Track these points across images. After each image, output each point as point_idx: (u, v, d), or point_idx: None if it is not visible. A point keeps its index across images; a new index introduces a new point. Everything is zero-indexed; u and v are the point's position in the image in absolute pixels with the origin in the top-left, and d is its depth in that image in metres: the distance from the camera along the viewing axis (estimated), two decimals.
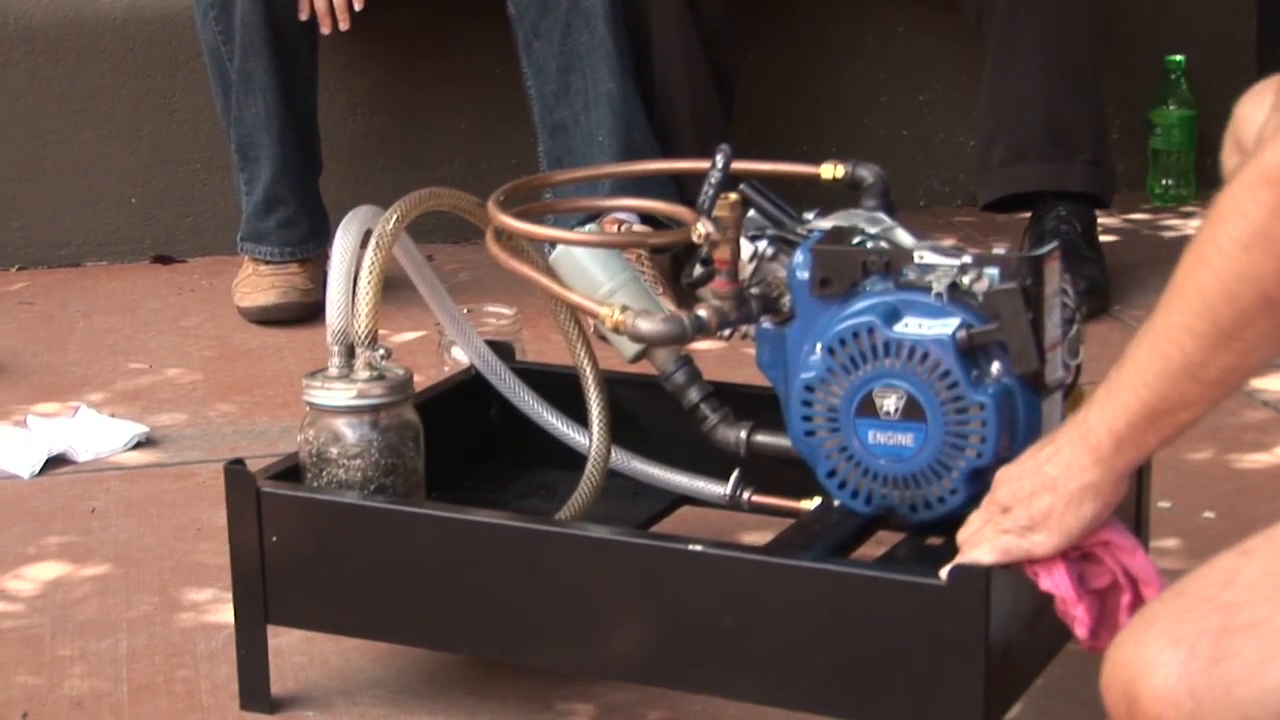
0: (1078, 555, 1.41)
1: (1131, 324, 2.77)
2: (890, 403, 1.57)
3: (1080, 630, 1.43)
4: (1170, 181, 3.43)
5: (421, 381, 2.13)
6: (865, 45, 3.44)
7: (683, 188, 2.41)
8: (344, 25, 2.72)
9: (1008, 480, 1.40)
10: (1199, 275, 1.18)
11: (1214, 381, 1.21)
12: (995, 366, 1.54)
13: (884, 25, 3.43)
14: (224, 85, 2.82)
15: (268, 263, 2.84)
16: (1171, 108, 3.42)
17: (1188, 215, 3.37)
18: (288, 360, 2.69)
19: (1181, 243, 3.19)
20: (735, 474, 1.80)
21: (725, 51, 2.99)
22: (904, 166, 3.38)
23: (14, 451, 2.36)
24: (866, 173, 1.75)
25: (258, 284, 2.83)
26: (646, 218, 2.49)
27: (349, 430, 1.70)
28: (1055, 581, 1.41)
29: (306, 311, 2.78)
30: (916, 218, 3.23)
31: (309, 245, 2.85)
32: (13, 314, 3.00)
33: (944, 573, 1.45)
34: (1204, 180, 3.42)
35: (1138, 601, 1.42)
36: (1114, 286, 2.92)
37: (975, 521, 1.44)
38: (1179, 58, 3.41)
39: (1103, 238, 3.25)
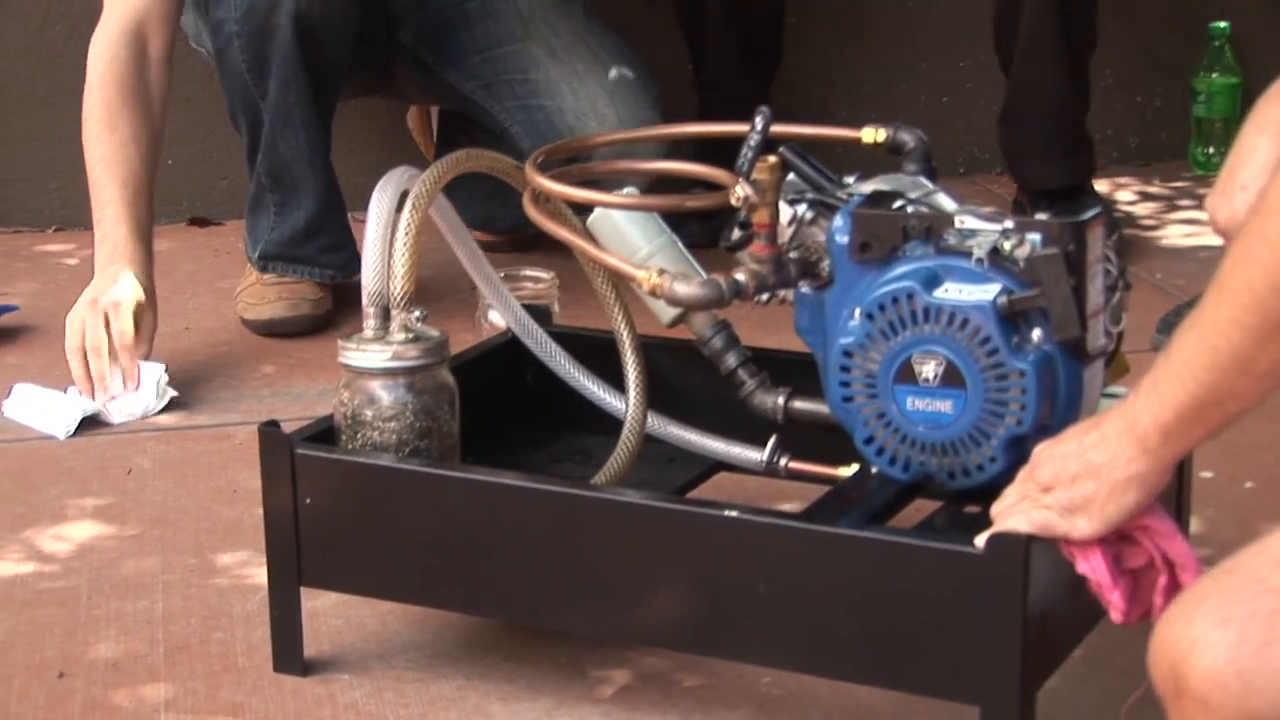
0: (1115, 537, 1.40)
1: (1172, 290, 2.75)
2: (929, 369, 1.55)
3: (1115, 614, 1.42)
4: (1213, 149, 3.40)
5: (459, 345, 2.13)
6: (906, 9, 3.42)
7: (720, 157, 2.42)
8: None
9: (1049, 459, 1.39)
10: (1247, 268, 1.16)
11: (1263, 374, 1.20)
12: (1036, 333, 1.53)
13: None
14: (247, 110, 2.64)
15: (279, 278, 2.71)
16: (1215, 75, 3.38)
17: None
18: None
19: None
20: (772, 440, 1.79)
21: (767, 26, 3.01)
22: (944, 133, 3.35)
23: (49, 413, 2.36)
24: (908, 137, 1.73)
25: (264, 294, 2.68)
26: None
27: (384, 392, 1.70)
28: (1091, 566, 1.39)
29: (317, 324, 2.66)
30: (956, 184, 3.21)
31: (351, 266, 2.67)
32: (50, 274, 3.00)
33: (981, 541, 1.43)
34: None
35: (1174, 585, 1.41)
36: (1155, 253, 2.89)
37: (1011, 496, 1.43)
38: (1223, 24, 3.37)
39: (1145, 204, 3.24)
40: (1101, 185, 3.35)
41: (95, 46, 2.55)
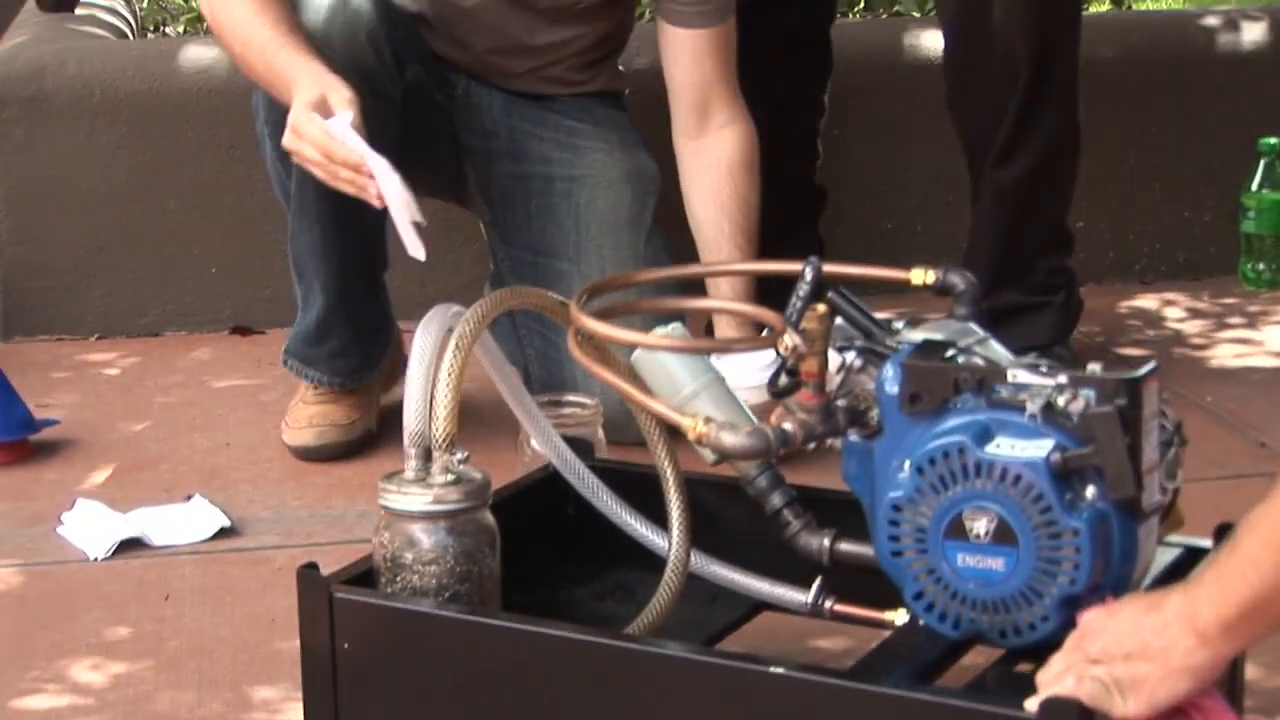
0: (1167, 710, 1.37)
1: (1224, 416, 2.71)
2: (981, 525, 1.52)
3: None
4: (1262, 266, 3.37)
5: (503, 464, 2.11)
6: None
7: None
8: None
9: (1101, 632, 1.36)
10: None
11: None
12: (1090, 490, 1.50)
13: None
14: (286, 198, 2.61)
15: (314, 388, 2.66)
16: (1265, 191, 3.35)
17: None
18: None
19: (1274, 329, 3.14)
20: (818, 582, 1.76)
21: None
22: None
23: (89, 530, 2.35)
24: (958, 279, 1.71)
25: (299, 417, 2.64)
26: None
27: (424, 536, 1.68)
28: None
29: (346, 449, 2.61)
30: None
31: (360, 374, 2.66)
32: (91, 384, 3.00)
33: (1033, 705, 1.40)
34: None
35: None
36: (1204, 375, 2.86)
37: (1057, 665, 1.40)
38: (1273, 140, 3.35)
39: (1194, 322, 3.21)
40: (1150, 300, 3.34)
41: None
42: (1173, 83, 3.47)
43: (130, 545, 2.32)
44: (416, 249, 2.21)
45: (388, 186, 2.21)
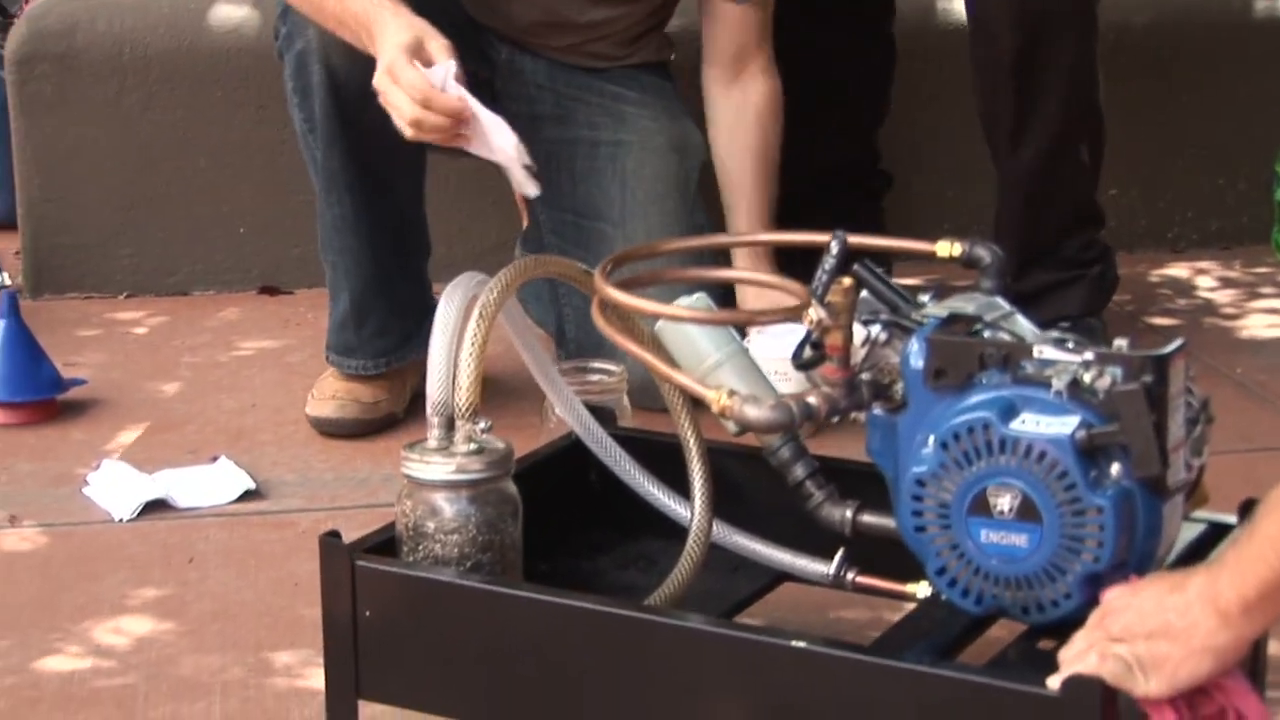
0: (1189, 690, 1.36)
1: (1254, 388, 2.69)
2: (1004, 501, 1.51)
3: None
4: None
5: (527, 429, 2.11)
6: None
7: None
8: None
9: (1124, 610, 1.35)
10: None
11: None
12: (1115, 468, 1.49)
13: None
14: (315, 171, 2.55)
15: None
16: None
17: None
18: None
19: None
20: (840, 553, 1.75)
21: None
22: None
23: (115, 490, 2.35)
24: (984, 252, 1.69)
25: (325, 389, 2.60)
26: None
27: (447, 505, 1.67)
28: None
29: (365, 427, 2.56)
30: None
31: (403, 352, 2.58)
32: (119, 343, 3.00)
33: (1055, 682, 1.39)
34: None
35: None
36: (1235, 346, 2.84)
37: (1079, 643, 1.39)
38: None
39: (1225, 291, 3.19)
40: (1181, 269, 3.32)
41: None
42: (1206, 51, 3.43)
43: (155, 506, 2.33)
44: (530, 188, 2.18)
45: (499, 135, 2.17)
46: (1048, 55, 2.64)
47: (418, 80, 2.17)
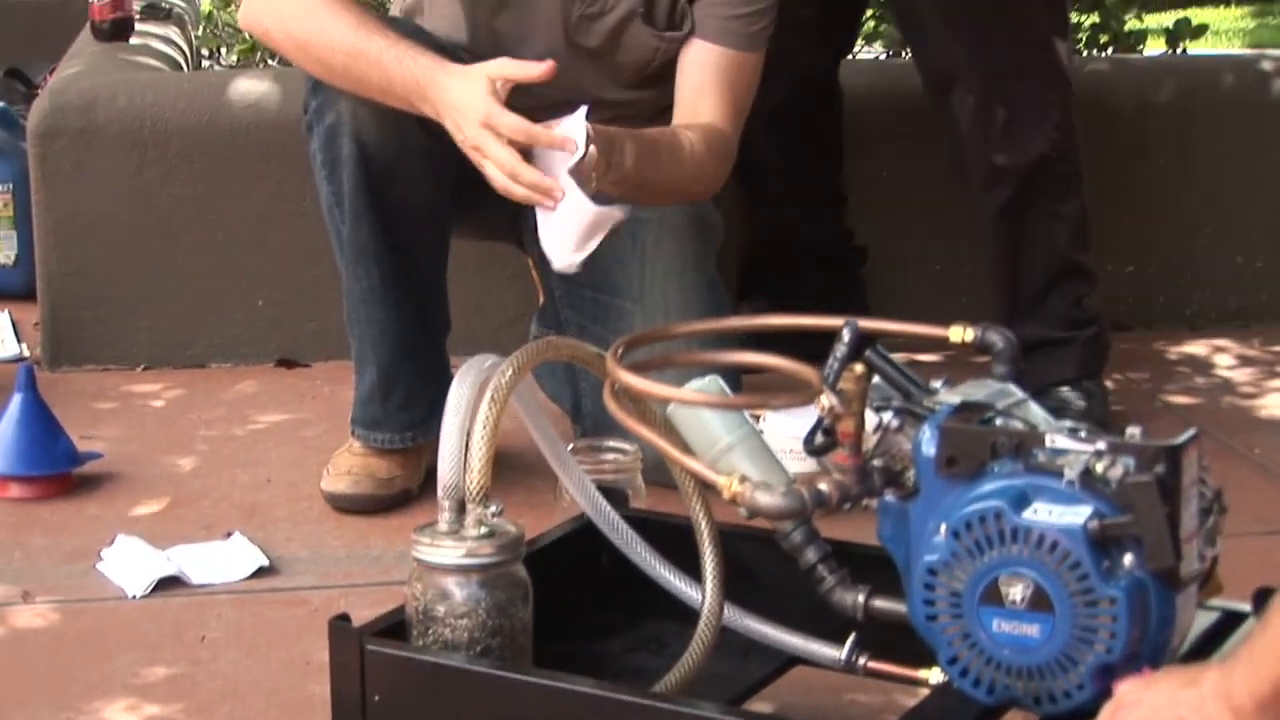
0: None
1: (1272, 468, 2.68)
2: (1017, 591, 1.51)
3: None
4: None
5: (540, 507, 2.10)
6: None
7: None
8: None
9: (1136, 704, 1.34)
10: None
11: None
12: (1128, 558, 1.48)
13: None
14: (341, 249, 2.57)
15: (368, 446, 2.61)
16: None
17: None
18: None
19: None
20: (851, 638, 1.75)
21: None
22: None
23: (129, 567, 2.35)
24: (996, 338, 1.70)
25: (340, 464, 2.60)
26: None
27: (457, 589, 1.67)
28: None
29: (379, 504, 2.55)
30: None
31: (429, 425, 2.51)
32: (136, 416, 3.00)
33: None
34: None
35: None
36: (1253, 425, 2.83)
37: None
38: None
39: (1243, 370, 3.18)
40: (1199, 347, 3.31)
41: None
42: (1226, 127, 3.44)
43: (169, 583, 2.32)
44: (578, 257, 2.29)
45: (579, 210, 2.26)
46: (1001, 104, 2.75)
47: (518, 124, 2.25)
